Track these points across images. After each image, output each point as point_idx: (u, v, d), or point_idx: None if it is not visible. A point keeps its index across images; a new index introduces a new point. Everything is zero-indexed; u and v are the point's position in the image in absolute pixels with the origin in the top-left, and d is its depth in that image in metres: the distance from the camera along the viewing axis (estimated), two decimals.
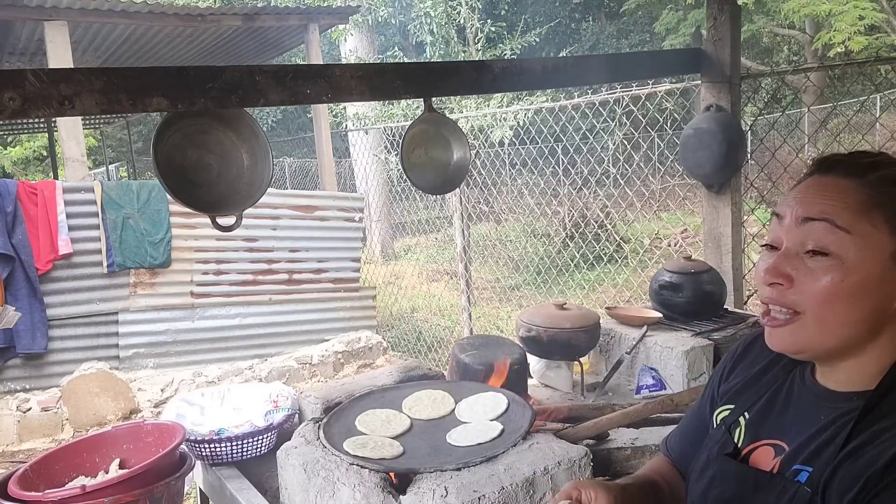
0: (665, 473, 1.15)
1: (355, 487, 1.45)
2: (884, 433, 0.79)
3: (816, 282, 0.84)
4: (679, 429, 1.18)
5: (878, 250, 0.82)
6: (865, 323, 0.84)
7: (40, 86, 1.35)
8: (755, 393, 1.00)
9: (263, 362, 5.69)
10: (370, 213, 10.20)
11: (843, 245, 0.83)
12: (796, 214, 0.87)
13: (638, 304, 3.68)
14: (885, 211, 0.83)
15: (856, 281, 0.82)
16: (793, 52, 16.02)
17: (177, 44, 7.62)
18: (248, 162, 1.79)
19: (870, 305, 0.83)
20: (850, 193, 0.84)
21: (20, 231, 4.89)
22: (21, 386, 5.09)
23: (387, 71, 1.85)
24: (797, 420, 0.91)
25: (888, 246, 0.83)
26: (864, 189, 0.84)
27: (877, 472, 0.76)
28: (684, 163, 2.83)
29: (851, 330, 0.84)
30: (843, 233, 0.83)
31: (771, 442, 0.93)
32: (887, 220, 0.83)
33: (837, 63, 7.78)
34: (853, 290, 0.82)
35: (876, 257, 0.82)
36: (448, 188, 2.34)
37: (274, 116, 17.44)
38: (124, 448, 1.78)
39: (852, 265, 0.82)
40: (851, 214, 0.83)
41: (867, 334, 0.85)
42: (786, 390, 0.96)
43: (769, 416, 0.96)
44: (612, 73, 2.49)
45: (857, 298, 0.83)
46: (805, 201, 0.87)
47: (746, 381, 1.03)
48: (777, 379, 0.99)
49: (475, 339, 2.43)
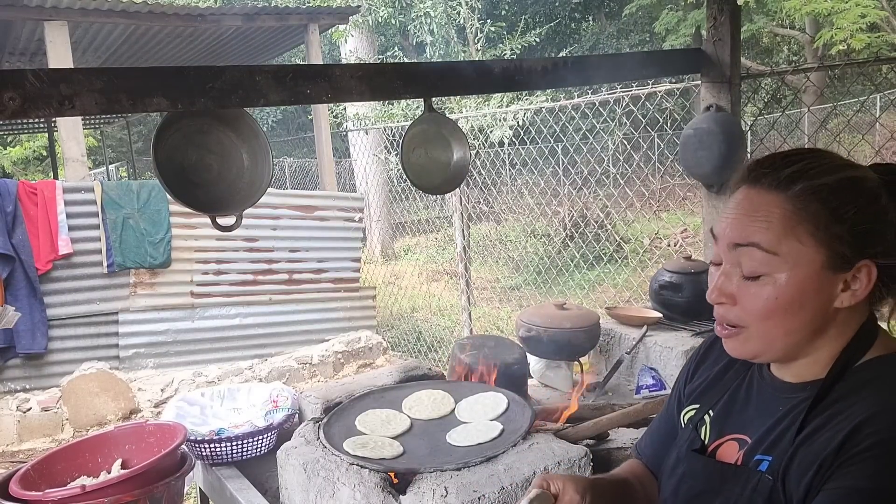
0: (638, 474, 1.18)
1: (355, 487, 1.45)
2: (836, 417, 0.84)
3: (755, 301, 0.88)
4: (649, 432, 1.23)
5: (808, 264, 0.86)
6: (808, 328, 0.89)
7: (40, 86, 1.35)
8: (718, 391, 1.04)
9: (263, 362, 5.69)
10: (370, 213, 10.20)
11: (772, 266, 0.87)
12: (727, 239, 0.91)
13: (638, 304, 3.68)
14: (808, 226, 0.86)
15: (791, 296, 0.87)
16: (793, 52, 16.02)
17: (177, 44, 7.62)
18: (248, 162, 1.79)
19: (809, 313, 0.88)
20: (775, 210, 0.87)
21: (20, 231, 4.89)
22: (21, 386, 5.09)
23: (387, 71, 1.85)
24: (758, 414, 0.96)
25: (817, 258, 0.86)
26: (787, 204, 0.87)
27: (830, 453, 0.81)
28: (684, 163, 2.83)
29: (795, 336, 0.89)
30: (771, 255, 0.86)
31: (735, 436, 0.97)
32: (812, 234, 0.86)
33: (837, 63, 7.78)
34: (789, 305, 0.87)
35: (807, 271, 0.86)
36: (448, 188, 2.33)
37: (274, 116, 17.44)
38: (126, 448, 1.78)
39: (785, 283, 0.86)
40: (776, 235, 0.86)
41: (812, 335, 0.90)
42: (746, 386, 1.01)
43: (732, 412, 1.00)
44: (612, 73, 2.49)
45: (795, 311, 0.87)
46: (734, 224, 0.90)
47: (709, 380, 1.08)
48: (738, 376, 1.03)
49: (475, 339, 2.43)
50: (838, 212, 0.86)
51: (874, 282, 0.87)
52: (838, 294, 0.87)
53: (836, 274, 0.87)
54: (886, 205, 0.88)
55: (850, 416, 0.82)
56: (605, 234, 6.98)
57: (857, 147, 3.60)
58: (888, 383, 0.85)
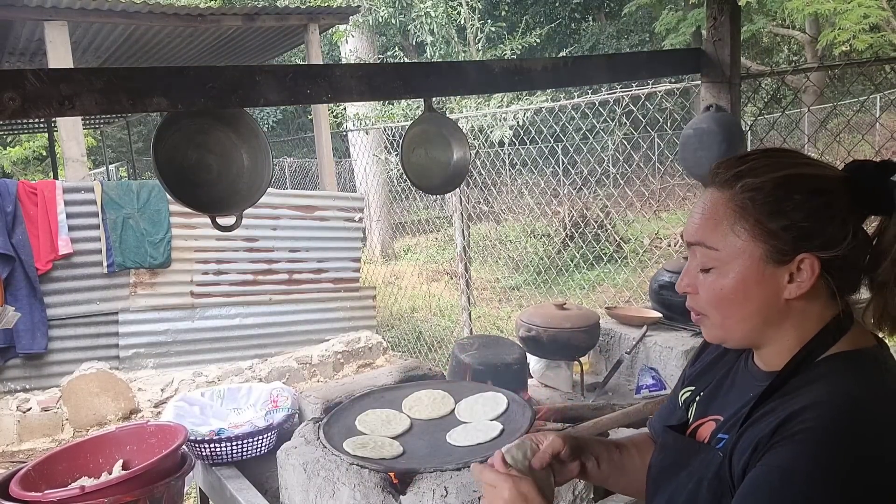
0: (639, 443, 1.26)
1: (355, 487, 1.45)
2: (783, 405, 0.90)
3: (708, 291, 0.99)
4: (659, 410, 1.29)
5: (748, 256, 0.94)
6: (760, 316, 0.96)
7: (40, 86, 1.35)
8: (711, 375, 1.13)
9: (263, 362, 5.69)
10: (370, 213, 10.20)
11: (717, 260, 0.96)
12: (686, 238, 1.02)
13: (638, 304, 3.68)
14: (746, 222, 0.94)
15: (734, 287, 0.95)
16: (793, 52, 16.03)
17: (177, 44, 7.62)
18: (248, 162, 1.79)
19: (756, 303, 0.95)
20: (720, 209, 0.96)
21: (20, 231, 4.89)
22: (21, 386, 5.09)
23: (387, 71, 1.85)
24: (735, 398, 1.03)
25: (755, 252, 0.94)
26: (730, 203, 0.95)
27: (766, 435, 0.87)
28: (684, 163, 2.83)
29: (748, 324, 0.97)
30: (715, 251, 0.96)
31: (714, 417, 1.04)
32: (749, 230, 0.94)
33: (837, 63, 7.78)
34: (736, 294, 0.95)
35: (746, 263, 0.94)
36: (448, 188, 2.34)
37: (274, 116, 17.43)
38: (128, 449, 1.78)
39: (729, 275, 0.96)
40: (719, 233, 0.96)
41: (766, 325, 0.97)
42: (733, 372, 1.09)
43: (717, 395, 1.08)
44: (612, 73, 2.49)
45: (742, 300, 0.96)
46: (690, 224, 1.01)
47: (706, 364, 1.16)
48: (728, 362, 1.11)
49: (475, 339, 2.43)
50: (773, 208, 0.92)
51: (817, 274, 0.92)
52: (785, 286, 0.94)
53: (777, 267, 0.93)
54: (833, 200, 0.92)
55: (793, 404, 0.88)
56: (605, 234, 6.98)
57: (858, 147, 3.60)
58: (835, 378, 0.90)
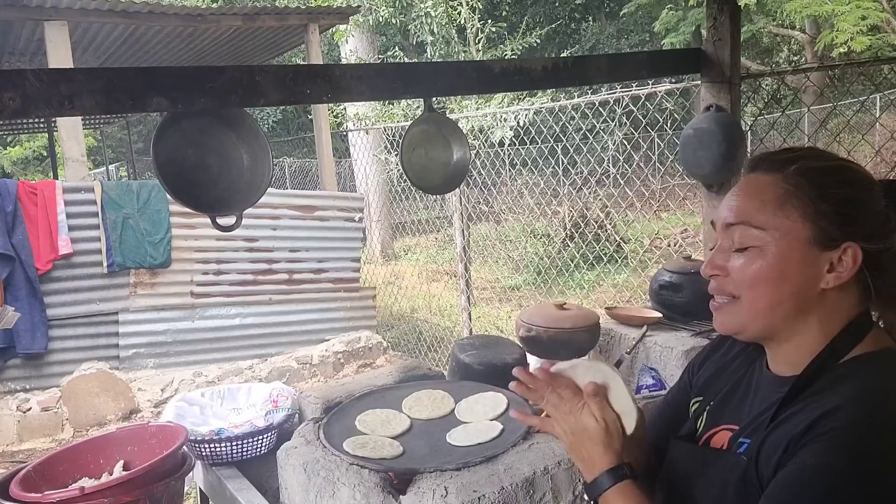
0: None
1: (355, 487, 1.45)
2: (809, 406, 0.88)
3: (744, 269, 0.95)
4: (650, 417, 1.25)
5: (794, 238, 0.92)
6: (791, 302, 0.93)
7: (40, 86, 1.35)
8: (721, 383, 1.09)
9: (263, 362, 5.69)
10: (370, 213, 10.20)
11: (761, 239, 0.94)
12: (723, 220, 0.99)
13: (638, 304, 3.68)
14: (797, 201, 0.92)
15: (776, 265, 0.93)
16: (793, 52, 16.03)
17: (177, 44, 7.62)
18: (248, 162, 1.78)
19: (793, 286, 0.93)
20: (768, 190, 0.95)
21: (20, 231, 4.89)
22: (21, 386, 5.09)
23: (387, 71, 1.85)
24: (752, 405, 1.00)
25: (802, 233, 0.92)
26: (780, 183, 0.94)
27: (798, 434, 0.86)
28: (684, 163, 2.82)
29: (780, 308, 0.94)
30: (759, 230, 0.94)
31: (728, 426, 1.01)
32: (799, 209, 0.92)
33: (837, 63, 7.79)
34: (776, 274, 0.93)
35: (793, 244, 0.92)
36: (448, 188, 2.34)
37: (274, 116, 17.43)
38: (128, 450, 1.77)
39: (772, 253, 0.93)
40: (765, 212, 0.94)
41: (795, 313, 0.94)
42: (746, 380, 1.05)
43: (730, 403, 1.04)
44: (613, 73, 2.49)
45: (781, 281, 0.93)
46: (729, 206, 0.98)
47: (715, 372, 1.13)
48: (740, 370, 1.08)
49: (475, 339, 2.43)
50: (827, 190, 0.91)
51: (859, 265, 0.90)
52: (823, 274, 0.92)
53: (822, 251, 0.91)
54: (879, 197, 0.93)
55: (822, 405, 0.86)
56: (605, 234, 6.98)
57: (858, 147, 3.60)
58: (865, 377, 0.89)
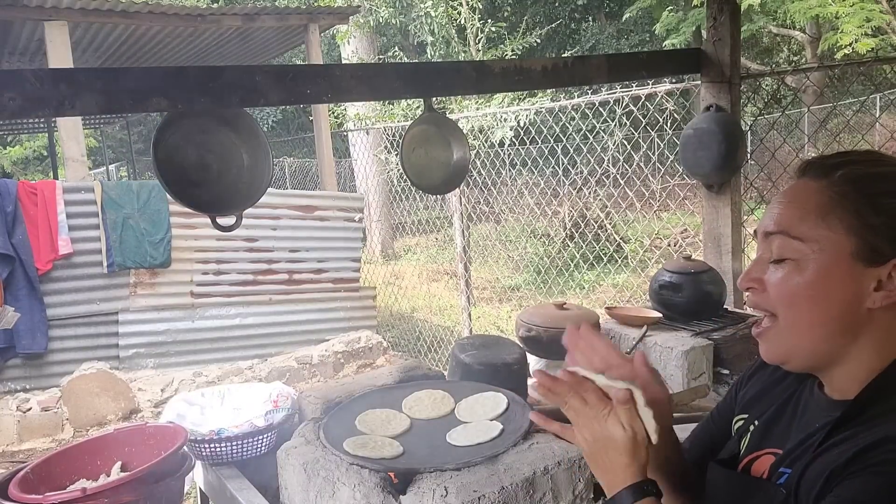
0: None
1: (355, 487, 1.45)
2: (859, 434, 0.80)
3: (781, 285, 0.87)
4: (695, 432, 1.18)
5: (836, 252, 0.84)
6: (835, 323, 0.85)
7: (40, 86, 1.35)
8: (768, 402, 1.01)
9: (263, 362, 5.69)
10: (370, 213, 10.20)
11: (799, 251, 0.86)
12: (762, 229, 0.92)
13: (638, 304, 3.68)
14: (842, 212, 0.84)
15: (815, 280, 0.84)
16: (793, 53, 16.02)
17: (177, 44, 7.62)
18: (248, 162, 1.79)
19: (836, 305, 0.84)
20: (812, 197, 0.86)
21: (20, 231, 4.89)
22: (21, 386, 5.09)
23: (387, 71, 1.85)
24: (797, 429, 0.92)
25: (846, 246, 0.83)
26: (826, 191, 0.86)
27: (840, 465, 0.78)
28: (684, 163, 2.83)
29: (821, 330, 0.86)
30: (798, 241, 0.86)
31: (773, 451, 0.93)
32: (843, 221, 0.84)
33: (837, 63, 7.79)
34: (815, 290, 0.85)
35: (834, 258, 0.84)
36: (448, 188, 2.34)
37: (274, 116, 17.42)
38: (126, 451, 1.77)
39: (811, 268, 0.85)
40: (807, 222, 0.85)
41: (841, 336, 0.85)
42: (794, 402, 0.97)
43: (777, 425, 0.96)
44: (613, 73, 2.49)
45: (821, 297, 0.85)
46: (770, 215, 0.91)
47: (762, 389, 1.04)
48: (788, 390, 0.99)
49: (475, 339, 2.43)
50: (877, 201, 0.83)
51: None
52: (870, 293, 0.83)
53: (867, 267, 0.83)
54: None
55: (873, 434, 0.79)
56: (605, 234, 6.98)
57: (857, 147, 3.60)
58: None
